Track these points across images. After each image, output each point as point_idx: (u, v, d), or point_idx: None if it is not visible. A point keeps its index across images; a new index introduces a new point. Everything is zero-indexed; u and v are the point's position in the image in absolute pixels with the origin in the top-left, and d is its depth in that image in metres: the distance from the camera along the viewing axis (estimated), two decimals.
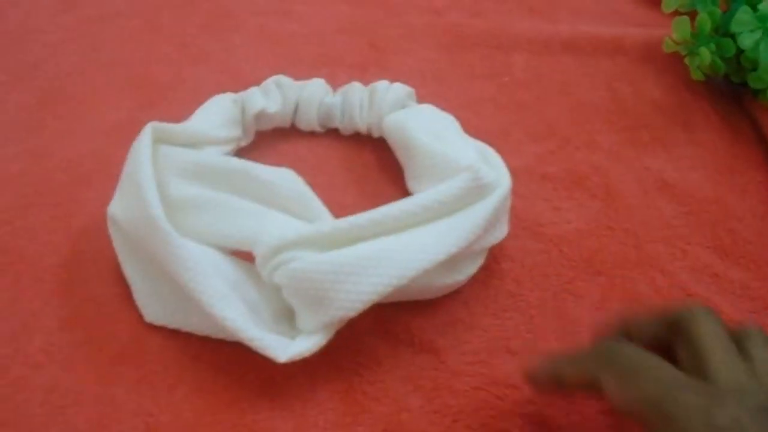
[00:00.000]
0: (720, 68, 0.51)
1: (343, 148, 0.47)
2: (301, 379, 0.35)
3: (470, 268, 0.38)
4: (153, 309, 0.36)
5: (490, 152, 0.41)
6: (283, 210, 0.35)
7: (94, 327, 0.37)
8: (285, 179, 0.35)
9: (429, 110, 0.44)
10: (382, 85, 0.45)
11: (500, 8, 0.60)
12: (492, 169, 0.38)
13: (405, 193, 0.42)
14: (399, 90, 0.45)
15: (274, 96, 0.44)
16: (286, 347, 0.32)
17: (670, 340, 0.29)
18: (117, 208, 0.37)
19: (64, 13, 0.57)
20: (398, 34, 0.56)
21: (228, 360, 0.35)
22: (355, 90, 0.45)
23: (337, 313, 0.32)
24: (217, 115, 0.42)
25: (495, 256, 0.40)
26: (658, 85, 0.53)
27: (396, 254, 0.32)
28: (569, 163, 0.47)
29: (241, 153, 0.44)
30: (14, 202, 0.43)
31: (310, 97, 0.45)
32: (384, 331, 0.37)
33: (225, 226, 0.34)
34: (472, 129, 0.43)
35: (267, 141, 0.46)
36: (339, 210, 0.36)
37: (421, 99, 0.46)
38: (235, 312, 0.32)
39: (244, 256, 0.35)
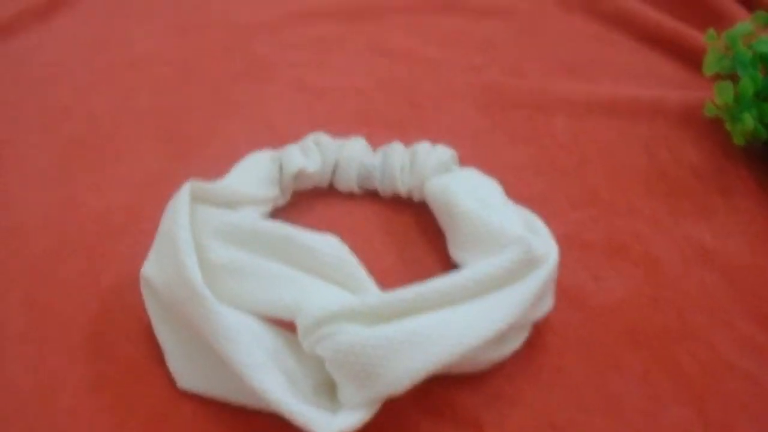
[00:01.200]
0: (761, 134, 0.50)
1: (382, 211, 0.46)
2: None
3: (515, 342, 0.36)
4: (186, 375, 0.35)
5: (536, 220, 0.40)
6: (326, 278, 0.34)
7: (123, 390, 0.35)
8: (328, 246, 0.34)
9: (473, 175, 0.43)
10: (424, 147, 0.44)
11: (541, 68, 0.59)
12: (539, 239, 0.37)
13: (446, 259, 0.41)
14: (442, 153, 0.44)
15: (313, 155, 0.44)
16: (329, 422, 0.30)
17: None
18: (152, 269, 0.36)
19: (94, 58, 0.57)
20: (437, 92, 0.55)
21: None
22: (396, 151, 0.44)
23: (384, 389, 0.30)
24: (256, 174, 0.41)
25: (538, 328, 0.39)
26: (696, 150, 0.52)
27: (447, 330, 0.31)
28: (610, 231, 0.46)
29: (277, 213, 0.43)
30: (41, 254, 0.42)
31: (350, 157, 0.44)
32: (426, 405, 0.35)
33: (265, 294, 0.33)
34: (512, 193, 0.42)
35: (304, 201, 0.45)
36: (378, 275, 0.35)
37: (459, 159, 0.45)
38: (275, 383, 0.31)
39: (282, 325, 0.34)
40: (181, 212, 0.35)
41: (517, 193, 0.43)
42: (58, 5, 0.64)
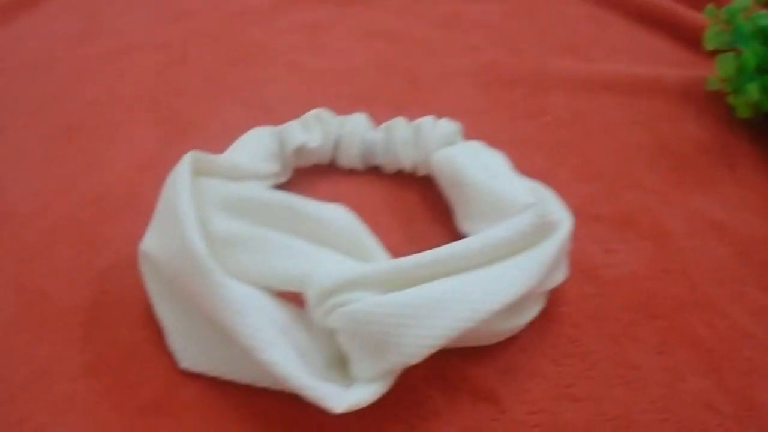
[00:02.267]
0: (766, 105, 0.48)
1: (385, 186, 0.44)
2: (355, 431, 0.32)
3: (531, 313, 0.34)
4: (189, 354, 0.33)
5: (545, 190, 0.38)
6: (335, 248, 0.32)
7: (122, 373, 0.33)
8: (337, 215, 0.32)
9: (479, 147, 0.41)
10: (428, 120, 0.42)
11: (538, 47, 0.58)
12: (552, 206, 0.35)
13: (454, 234, 0.39)
14: (446, 126, 0.42)
15: (314, 130, 0.42)
16: (341, 396, 0.28)
17: None
18: (152, 243, 0.33)
19: (84, 45, 0.55)
20: (436, 72, 0.54)
21: (273, 411, 0.32)
22: (400, 126, 0.42)
23: (399, 359, 0.28)
24: (256, 149, 0.39)
25: (552, 299, 0.37)
26: (699, 125, 0.51)
27: (465, 295, 0.29)
28: (617, 205, 0.44)
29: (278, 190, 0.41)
30: (36, 239, 0.40)
31: (353, 132, 0.42)
32: (441, 379, 0.34)
33: (273, 265, 0.31)
34: (516, 168, 0.41)
35: (305, 178, 0.44)
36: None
37: (462, 137, 0.44)
38: (285, 357, 0.29)
39: (290, 299, 0.32)
40: (182, 184, 0.33)
41: (521, 168, 0.41)
42: None
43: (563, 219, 0.35)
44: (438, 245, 0.31)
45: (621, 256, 0.41)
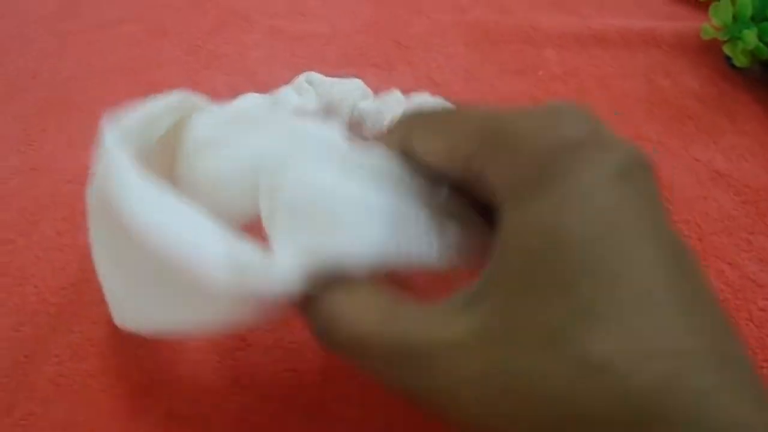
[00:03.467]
0: (763, 52, 0.46)
1: None
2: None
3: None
4: (123, 308, 0.28)
5: None
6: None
7: (111, 353, 0.31)
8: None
9: None
10: (422, 98, 0.39)
11: (525, 4, 0.55)
12: None
13: None
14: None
15: (308, 94, 0.39)
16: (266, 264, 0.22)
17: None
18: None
19: (62, 21, 0.52)
20: (424, 32, 0.51)
21: (272, 384, 0.30)
22: (392, 100, 0.39)
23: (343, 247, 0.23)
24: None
25: None
26: (696, 76, 0.49)
27: None
28: None
29: None
30: (16, 218, 0.37)
31: (345, 98, 0.39)
32: None
33: (243, 158, 0.26)
34: None
35: None
36: None
37: (454, 96, 0.41)
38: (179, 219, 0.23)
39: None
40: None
41: None
42: None
43: None
44: None
45: None
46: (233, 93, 0.40)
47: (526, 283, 0.17)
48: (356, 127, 0.38)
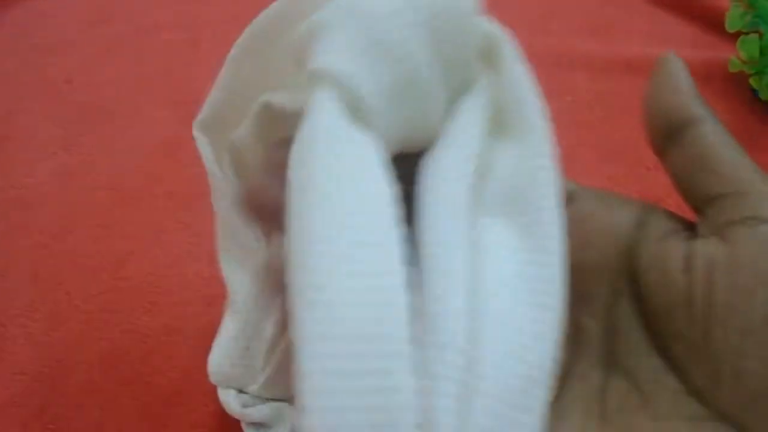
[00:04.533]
0: None
1: None
2: None
3: None
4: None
5: None
6: None
7: (140, 362, 0.31)
8: None
9: None
10: None
11: (558, 28, 0.55)
12: None
13: None
14: None
15: None
16: None
17: None
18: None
19: (99, 26, 0.52)
20: None
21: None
22: None
23: None
24: None
25: None
26: (722, 108, 0.48)
27: None
28: (642, 185, 0.41)
29: None
30: (52, 223, 0.37)
31: None
32: None
33: None
34: None
35: None
36: None
37: None
38: None
39: None
40: None
41: None
42: None
43: None
44: None
45: None
46: None
47: None
48: None
